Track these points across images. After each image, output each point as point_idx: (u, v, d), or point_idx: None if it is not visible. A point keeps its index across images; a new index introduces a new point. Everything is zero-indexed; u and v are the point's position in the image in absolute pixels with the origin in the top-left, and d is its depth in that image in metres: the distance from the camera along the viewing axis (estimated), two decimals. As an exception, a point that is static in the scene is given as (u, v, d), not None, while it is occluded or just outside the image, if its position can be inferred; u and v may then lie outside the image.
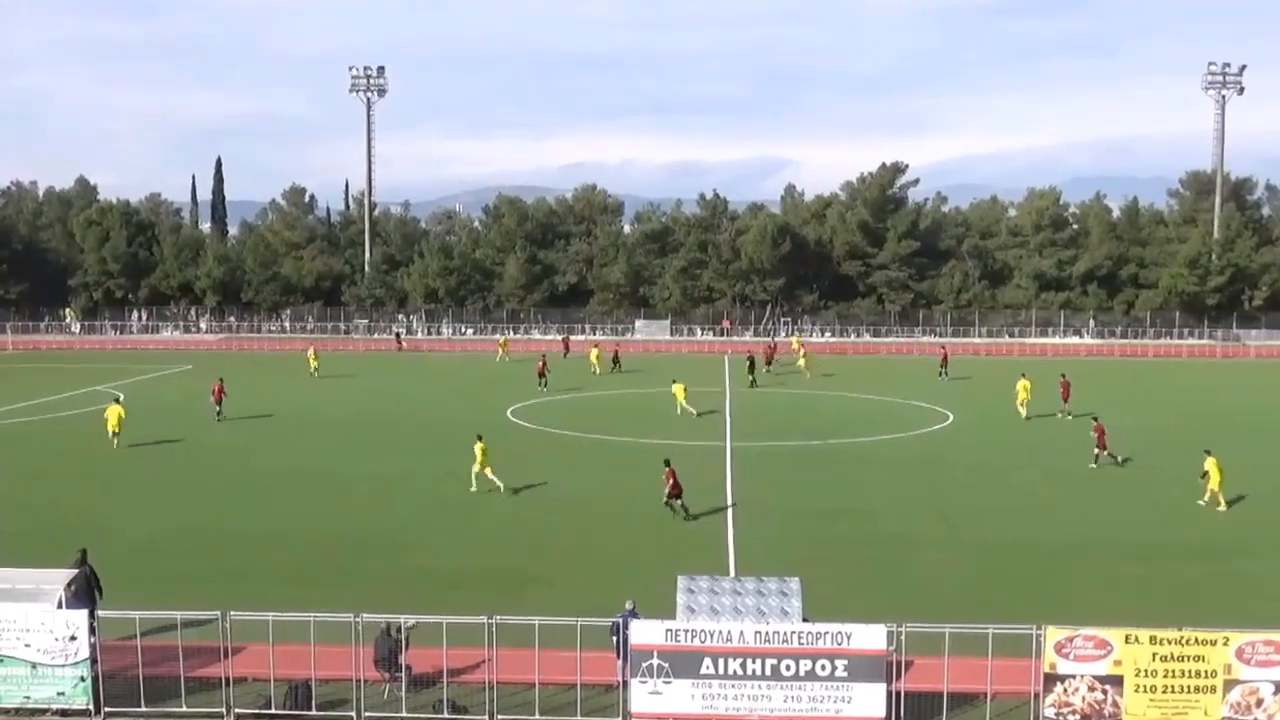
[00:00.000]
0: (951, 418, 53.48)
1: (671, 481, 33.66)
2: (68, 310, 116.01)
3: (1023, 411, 52.86)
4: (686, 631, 19.21)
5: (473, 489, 36.86)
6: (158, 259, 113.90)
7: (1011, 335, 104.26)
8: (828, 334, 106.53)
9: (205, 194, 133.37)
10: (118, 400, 48.62)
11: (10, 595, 20.16)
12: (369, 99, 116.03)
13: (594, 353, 75.19)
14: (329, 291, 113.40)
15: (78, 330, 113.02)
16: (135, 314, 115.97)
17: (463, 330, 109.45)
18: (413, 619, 20.60)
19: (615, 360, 73.85)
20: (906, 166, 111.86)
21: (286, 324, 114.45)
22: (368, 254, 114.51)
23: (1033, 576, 28.26)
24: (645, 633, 19.27)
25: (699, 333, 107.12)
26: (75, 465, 42.11)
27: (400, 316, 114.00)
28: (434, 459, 42.55)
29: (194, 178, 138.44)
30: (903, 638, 19.27)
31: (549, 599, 24.59)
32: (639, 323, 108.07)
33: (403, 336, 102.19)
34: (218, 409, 52.34)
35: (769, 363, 73.44)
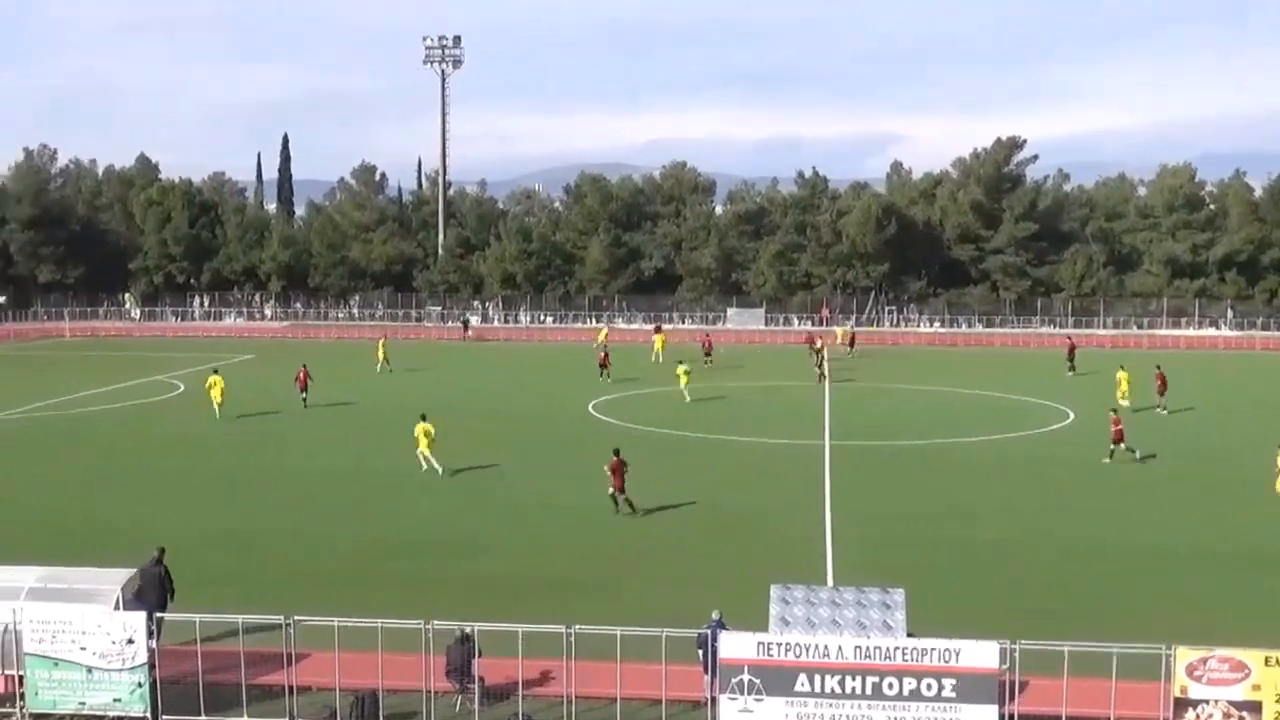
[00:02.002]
0: (1072, 416, 52.71)
1: (616, 474, 34.01)
2: (127, 295, 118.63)
3: (1124, 405, 52.65)
4: (780, 645, 19.11)
5: (423, 469, 39.46)
6: (221, 241, 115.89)
7: (1140, 326, 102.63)
8: (936, 324, 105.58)
9: (271, 173, 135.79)
10: (216, 371, 53.16)
11: (67, 595, 20.60)
12: (443, 71, 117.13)
13: (658, 339, 76.08)
14: (400, 276, 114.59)
15: (137, 316, 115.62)
16: (197, 300, 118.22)
17: (541, 318, 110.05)
18: (486, 626, 20.73)
19: (707, 354, 73.35)
20: (1024, 141, 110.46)
21: (355, 311, 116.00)
22: (441, 236, 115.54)
23: (1159, 589, 27.78)
24: (735, 646, 19.21)
25: (795, 322, 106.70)
26: (131, 461, 43.02)
27: (475, 303, 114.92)
28: (511, 457, 42.86)
29: (259, 156, 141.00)
30: (1016, 656, 19.02)
31: (630, 608, 24.63)
32: (731, 311, 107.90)
33: (470, 324, 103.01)
34: (303, 395, 54.71)
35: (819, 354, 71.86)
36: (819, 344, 71.94)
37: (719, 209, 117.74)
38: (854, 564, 29.04)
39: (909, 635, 19.34)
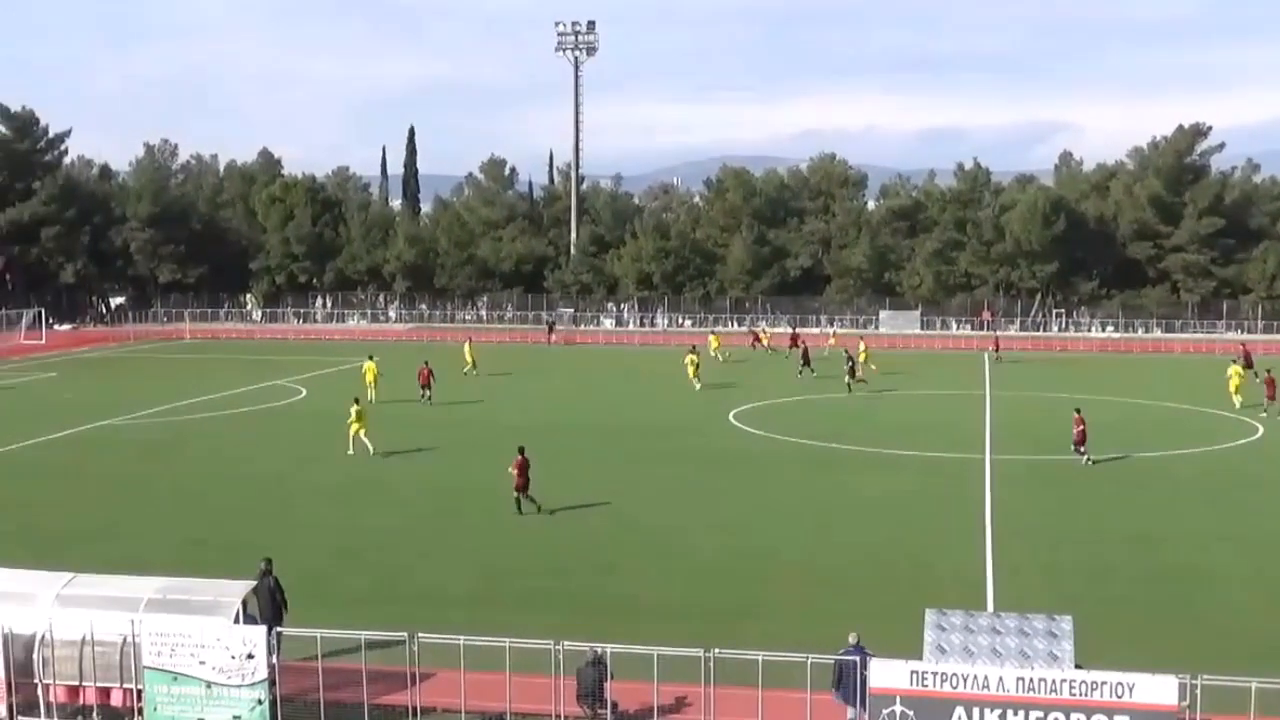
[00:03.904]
0: (1261, 430, 51.33)
1: (521, 472, 35.58)
2: (249, 296, 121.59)
3: (1236, 401, 56.21)
4: (936, 675, 18.90)
5: (350, 452, 44.49)
6: (344, 240, 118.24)
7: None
8: (1109, 328, 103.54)
9: (396, 168, 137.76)
10: (371, 358, 59.76)
11: (186, 607, 21.17)
12: (576, 58, 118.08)
13: (714, 339, 78.82)
14: (530, 276, 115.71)
15: (259, 318, 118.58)
16: (319, 300, 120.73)
17: (680, 321, 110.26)
18: (620, 648, 20.84)
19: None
20: (1209, 129, 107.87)
21: (483, 312, 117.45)
22: (574, 234, 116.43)
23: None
24: (887, 674, 19.05)
25: (954, 325, 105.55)
26: (257, 468, 44.13)
27: (609, 305, 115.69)
28: (645, 472, 43.09)
29: (384, 150, 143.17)
30: (1197, 691, 18.57)
31: (770, 630, 24.56)
32: (884, 313, 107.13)
33: (555, 326, 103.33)
34: (426, 393, 58.05)
35: (807, 361, 71.23)
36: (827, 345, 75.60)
37: (871, 204, 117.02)
38: (1017, 589, 28.61)
39: (1077, 667, 18.99)
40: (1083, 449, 43.54)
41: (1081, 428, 43.56)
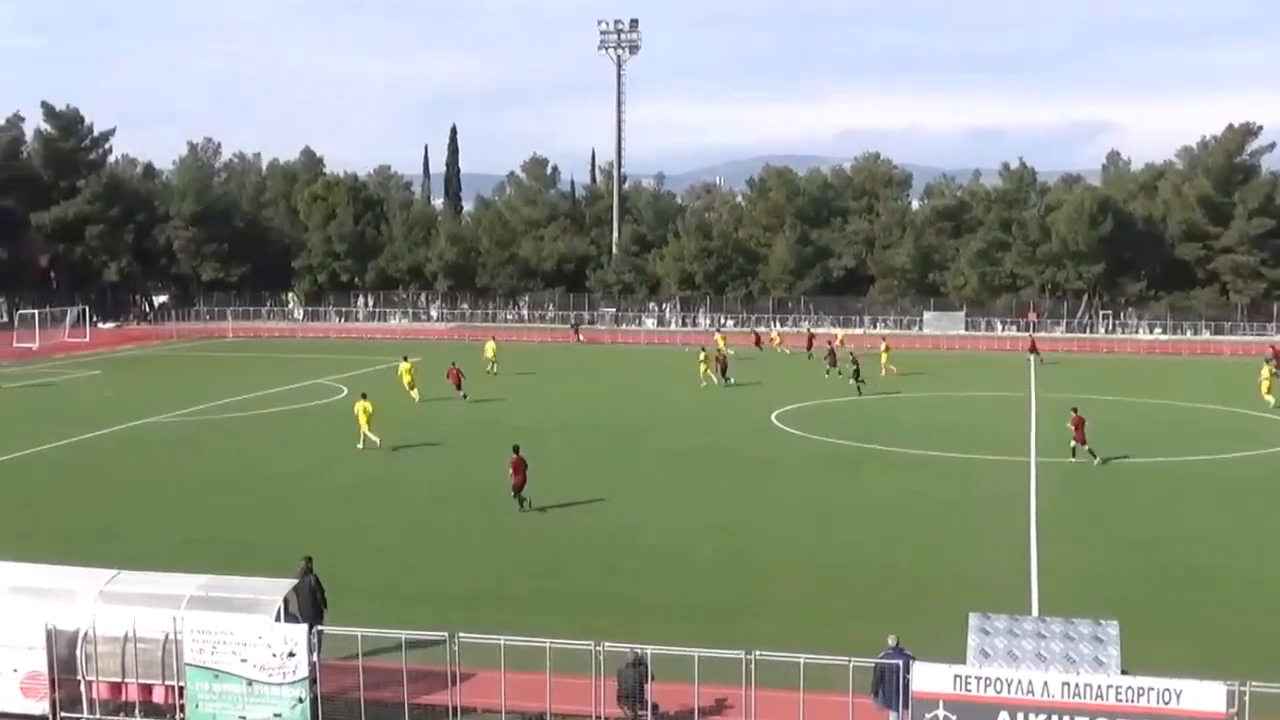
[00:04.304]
0: (1311, 434, 50.92)
1: (517, 471, 36.27)
2: (291, 295, 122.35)
3: (1270, 400, 57.31)
4: (980, 679, 18.83)
5: (359, 446, 45.70)
6: (386, 239, 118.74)
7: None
8: (1156, 330, 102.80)
9: (438, 166, 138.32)
10: (405, 359, 60.96)
11: (228, 605, 21.34)
12: (619, 57, 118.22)
13: (720, 339, 78.76)
14: (572, 276, 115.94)
15: (300, 317, 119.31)
16: (361, 299, 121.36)
17: (722, 321, 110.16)
18: (660, 649, 20.85)
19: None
20: (1260, 128, 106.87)
21: (524, 312, 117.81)
22: (616, 233, 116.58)
23: None
24: (929, 678, 18.99)
25: (999, 327, 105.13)
26: (276, 467, 44.41)
27: (651, 305, 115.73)
28: (694, 471, 43.12)
29: (426, 148, 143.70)
30: (1246, 699, 18.43)
31: (812, 633, 24.46)
32: (928, 314, 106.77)
33: (580, 326, 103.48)
34: (460, 391, 59.28)
35: (834, 361, 71.82)
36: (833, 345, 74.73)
37: (915, 204, 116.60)
38: (1061, 593, 28.44)
39: (1123, 673, 18.88)
40: (1085, 447, 43.92)
41: (1079, 428, 44.08)
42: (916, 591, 28.89)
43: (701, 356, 68.93)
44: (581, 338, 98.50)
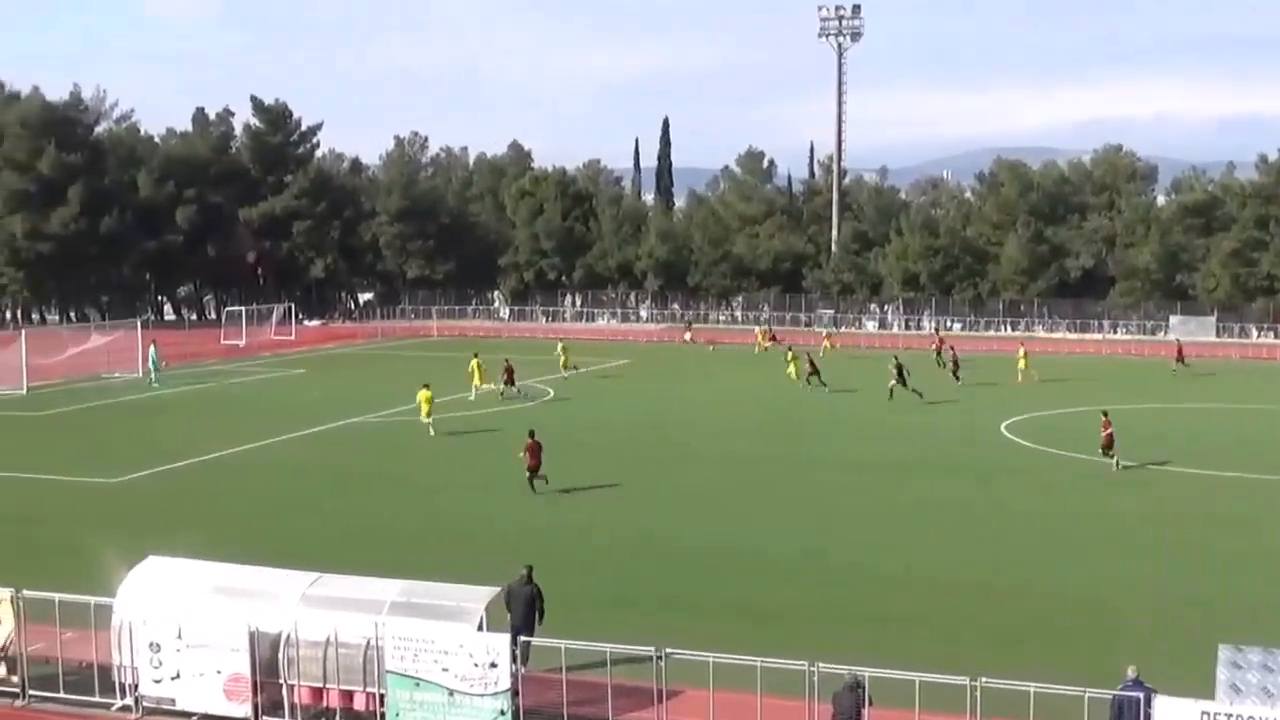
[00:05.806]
0: None
1: (532, 454, 39.43)
2: (496, 293, 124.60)
3: None
4: (1231, 717, 18.24)
5: (431, 434, 49.82)
6: (595, 235, 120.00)
7: None
8: None
9: (649, 160, 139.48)
10: (475, 355, 63.69)
11: (429, 611, 21.79)
12: (839, 44, 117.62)
13: (760, 332, 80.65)
14: (789, 275, 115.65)
15: (506, 316, 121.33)
16: (569, 298, 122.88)
17: (948, 324, 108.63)
18: (879, 673, 20.61)
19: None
20: None
21: (738, 313, 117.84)
22: (835, 231, 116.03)
23: None
24: (1174, 713, 18.45)
25: (1254, 333, 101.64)
26: (483, 469, 45.18)
27: (872, 306, 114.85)
28: (924, 485, 42.66)
29: (637, 142, 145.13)
30: None
31: (1042, 662, 23.93)
32: (1174, 319, 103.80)
33: (693, 325, 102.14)
34: (514, 389, 63.16)
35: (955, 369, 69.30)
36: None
37: (1161, 199, 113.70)
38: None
39: (1393, 714, 18.06)
40: (1111, 453, 44.52)
41: (1109, 431, 44.71)
42: (1158, 619, 28.07)
43: (789, 357, 69.41)
44: (693, 336, 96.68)
